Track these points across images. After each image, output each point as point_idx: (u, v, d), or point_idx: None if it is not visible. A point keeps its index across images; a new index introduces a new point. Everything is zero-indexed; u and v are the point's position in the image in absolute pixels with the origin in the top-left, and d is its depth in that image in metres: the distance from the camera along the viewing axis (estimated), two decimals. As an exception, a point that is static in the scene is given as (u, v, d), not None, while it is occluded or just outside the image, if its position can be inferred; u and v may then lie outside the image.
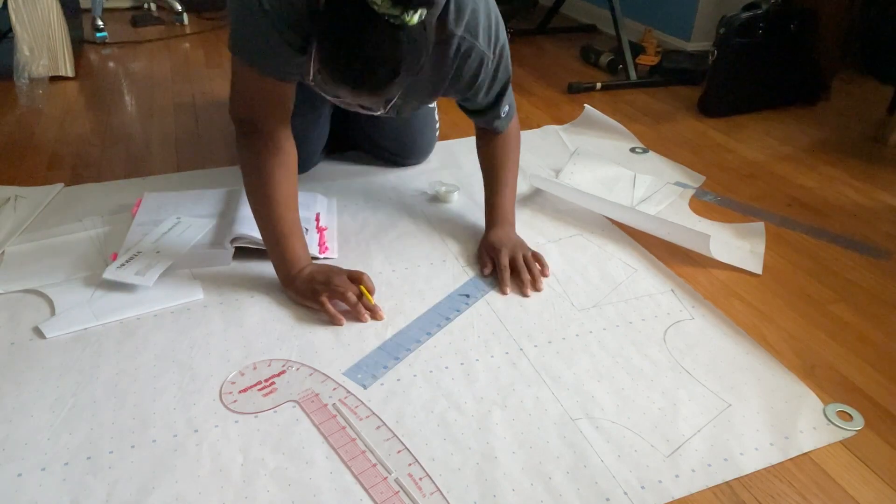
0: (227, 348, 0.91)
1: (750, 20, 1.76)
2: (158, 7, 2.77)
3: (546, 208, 1.30)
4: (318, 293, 0.96)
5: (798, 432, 0.80)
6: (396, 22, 0.71)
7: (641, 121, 1.79)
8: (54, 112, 1.73)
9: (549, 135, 1.65)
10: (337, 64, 0.75)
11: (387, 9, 0.70)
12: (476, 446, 0.77)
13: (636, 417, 0.82)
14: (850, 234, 1.26)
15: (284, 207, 0.97)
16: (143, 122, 1.68)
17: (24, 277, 1.03)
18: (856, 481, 0.75)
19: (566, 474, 0.74)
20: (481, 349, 0.92)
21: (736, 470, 0.75)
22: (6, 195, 1.26)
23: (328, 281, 0.97)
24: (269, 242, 0.99)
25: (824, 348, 0.95)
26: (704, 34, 2.31)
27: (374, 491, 0.71)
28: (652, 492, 0.72)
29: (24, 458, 0.74)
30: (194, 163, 1.46)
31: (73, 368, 0.86)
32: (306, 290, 0.97)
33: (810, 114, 1.86)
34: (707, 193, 1.40)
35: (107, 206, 1.25)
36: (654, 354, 0.92)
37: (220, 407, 0.81)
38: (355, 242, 1.17)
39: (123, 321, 0.95)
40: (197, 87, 1.95)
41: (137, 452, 0.75)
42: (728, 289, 1.08)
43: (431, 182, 1.37)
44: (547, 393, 0.85)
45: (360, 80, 0.76)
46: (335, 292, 0.96)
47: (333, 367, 0.88)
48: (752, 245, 1.20)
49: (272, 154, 0.96)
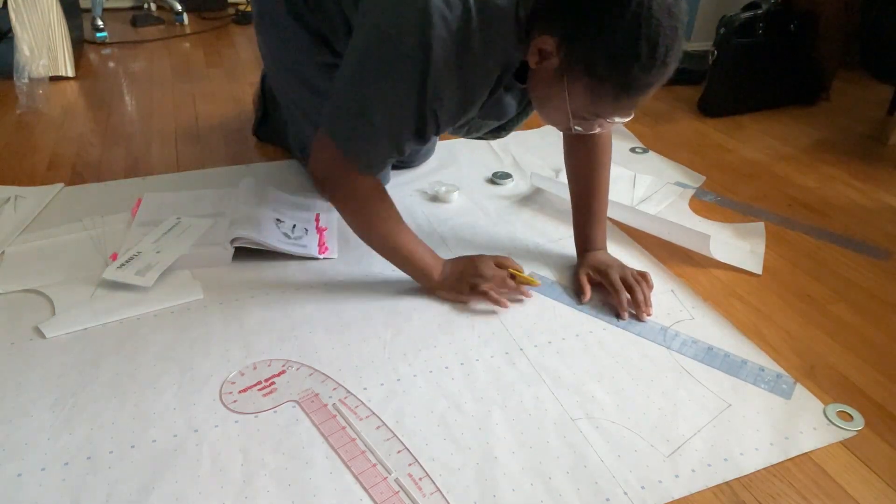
0: (227, 348, 0.91)
1: (750, 20, 1.76)
2: (158, 7, 2.77)
3: (546, 208, 1.30)
4: (478, 285, 0.98)
5: (798, 432, 0.80)
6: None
7: (641, 121, 1.79)
8: (54, 112, 1.73)
9: (549, 135, 1.65)
10: (652, 52, 0.73)
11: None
12: (476, 446, 0.77)
13: (636, 417, 0.82)
14: (850, 234, 1.26)
15: (397, 234, 0.97)
16: (143, 122, 1.68)
17: (24, 277, 1.03)
18: (856, 481, 0.75)
19: (566, 474, 0.74)
20: (481, 349, 0.92)
21: (736, 470, 0.75)
22: (6, 195, 1.26)
23: (481, 273, 0.99)
24: (399, 265, 1.00)
25: (824, 348, 0.95)
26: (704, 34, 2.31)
27: (374, 491, 0.71)
28: (652, 492, 0.72)
29: (24, 458, 0.74)
30: (194, 163, 1.46)
31: (73, 368, 0.86)
32: (462, 286, 0.99)
33: (810, 114, 1.86)
34: (707, 193, 1.40)
35: (107, 206, 1.24)
36: (654, 354, 0.92)
37: (220, 407, 0.81)
38: (355, 242, 1.16)
39: (123, 321, 0.95)
40: (197, 87, 1.95)
41: (137, 452, 0.75)
42: (728, 289, 1.08)
43: (431, 182, 1.37)
44: (547, 393, 0.85)
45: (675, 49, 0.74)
46: (495, 280, 0.99)
47: (333, 367, 0.88)
48: (752, 245, 1.20)
49: (368, 204, 0.94)
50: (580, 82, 0.78)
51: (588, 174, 1.07)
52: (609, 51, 0.74)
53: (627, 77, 0.75)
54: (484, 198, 1.34)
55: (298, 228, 1.16)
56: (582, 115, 0.83)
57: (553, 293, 1.05)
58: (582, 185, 1.09)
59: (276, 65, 1.23)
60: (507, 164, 1.48)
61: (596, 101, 0.80)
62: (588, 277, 1.04)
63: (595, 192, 1.07)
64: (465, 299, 1.00)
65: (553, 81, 0.81)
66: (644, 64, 0.73)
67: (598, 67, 0.76)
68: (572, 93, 0.80)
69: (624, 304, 0.99)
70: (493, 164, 1.49)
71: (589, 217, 1.08)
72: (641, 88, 0.77)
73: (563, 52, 0.78)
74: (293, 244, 1.11)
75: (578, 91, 0.79)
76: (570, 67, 0.78)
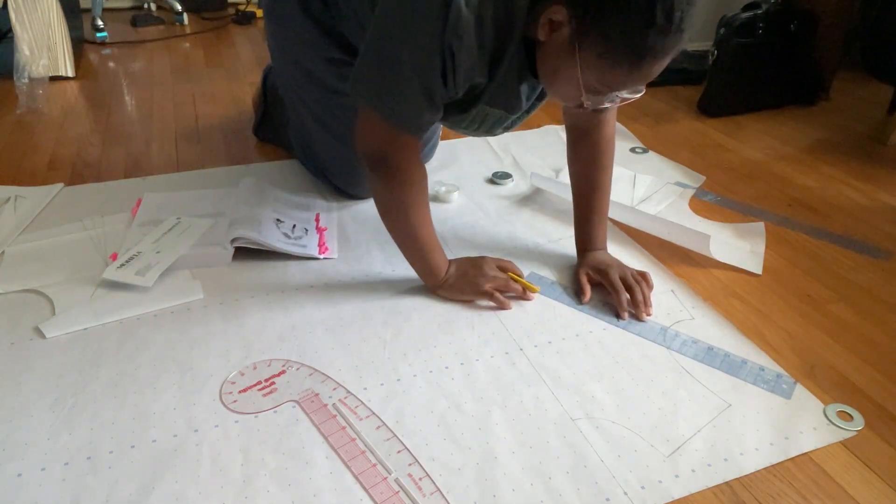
0: (227, 348, 0.91)
1: (750, 20, 1.76)
2: (158, 7, 2.77)
3: (546, 208, 1.30)
4: (481, 285, 1.00)
5: (798, 432, 0.80)
6: None
7: (641, 121, 1.79)
8: (54, 112, 1.73)
9: (548, 135, 1.65)
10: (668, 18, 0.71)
11: None
12: (476, 446, 0.77)
13: (636, 417, 0.82)
14: (850, 234, 1.26)
15: (423, 230, 0.97)
16: (143, 122, 1.68)
17: (24, 277, 1.03)
18: (856, 481, 0.75)
19: (566, 474, 0.74)
20: (481, 349, 0.92)
21: (736, 470, 0.75)
22: (6, 195, 1.26)
23: (485, 273, 1.01)
24: (413, 259, 1.01)
25: (824, 348, 0.95)
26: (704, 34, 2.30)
27: (374, 491, 0.71)
28: (652, 492, 0.72)
29: (24, 458, 0.74)
30: (194, 163, 1.46)
31: (73, 368, 0.86)
32: (465, 285, 1.01)
33: (810, 114, 1.86)
34: (707, 193, 1.40)
35: (107, 206, 1.24)
36: (654, 354, 0.92)
37: (220, 407, 0.81)
38: (355, 242, 1.17)
39: (123, 321, 0.95)
40: (197, 87, 1.95)
41: (137, 452, 0.75)
42: (728, 289, 1.08)
43: (431, 182, 1.36)
44: (547, 393, 0.85)
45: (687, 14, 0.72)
46: (497, 281, 1.01)
47: (333, 367, 0.88)
48: (752, 245, 1.20)
49: (408, 187, 0.94)
50: (593, 51, 0.76)
51: (591, 174, 1.07)
52: (624, 17, 0.73)
53: (643, 44, 0.73)
54: (484, 198, 1.34)
55: (298, 228, 1.16)
56: (594, 88, 0.81)
57: (553, 293, 1.05)
58: (584, 184, 1.08)
59: (283, 59, 1.22)
60: (507, 164, 1.48)
61: (610, 71, 0.78)
62: (588, 277, 1.04)
63: (597, 192, 1.07)
64: (465, 298, 1.01)
65: (564, 53, 0.79)
66: (660, 29, 0.72)
67: (612, 34, 0.74)
68: (585, 63, 0.78)
69: (623, 304, 0.99)
70: (493, 164, 1.49)
71: (590, 216, 1.08)
72: (657, 56, 0.75)
73: (574, 21, 0.76)
74: (293, 244, 1.11)
75: (591, 61, 0.77)
76: (582, 36, 0.76)
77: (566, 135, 1.09)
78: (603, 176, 1.07)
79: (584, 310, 1.01)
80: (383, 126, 0.88)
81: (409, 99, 0.85)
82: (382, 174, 0.92)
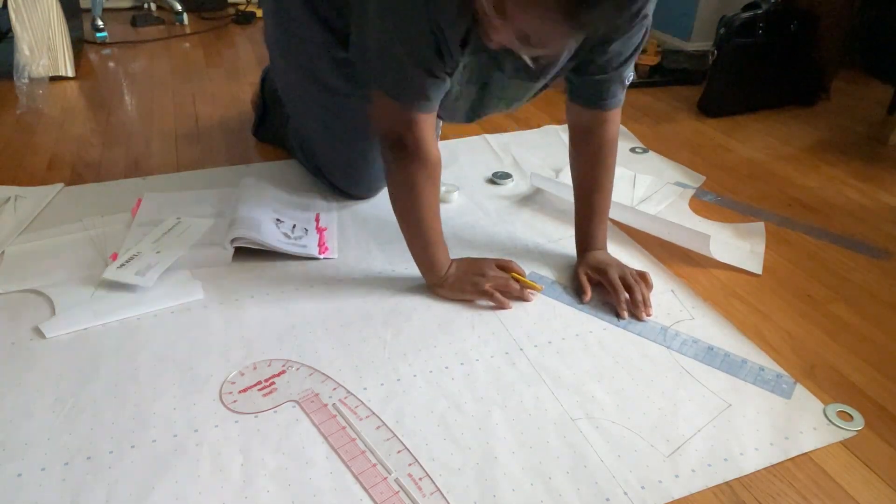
0: (227, 348, 0.91)
1: (750, 20, 1.76)
2: (158, 7, 2.77)
3: (546, 208, 1.30)
4: (480, 284, 1.00)
5: (798, 432, 0.80)
6: None
7: (641, 121, 1.79)
8: (54, 112, 1.73)
9: (548, 135, 1.65)
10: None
11: None
12: (476, 446, 0.77)
13: (636, 417, 0.82)
14: (850, 234, 1.26)
15: (431, 217, 0.98)
16: (143, 122, 1.68)
17: (24, 277, 1.03)
18: (856, 481, 0.75)
19: (566, 474, 0.74)
20: (481, 349, 0.92)
21: (736, 470, 0.75)
22: (6, 195, 1.26)
23: (485, 273, 1.02)
24: (416, 248, 1.01)
25: (824, 348, 0.95)
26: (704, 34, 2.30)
27: (374, 491, 0.71)
28: (652, 492, 0.72)
29: (24, 458, 0.74)
30: (194, 163, 1.46)
31: (73, 368, 0.86)
32: (464, 284, 1.01)
33: (810, 114, 1.86)
34: (707, 193, 1.40)
35: (107, 206, 1.24)
36: (654, 354, 0.92)
37: (220, 407, 0.81)
38: (355, 242, 1.17)
39: (123, 321, 0.95)
40: (197, 87, 1.95)
41: (137, 452, 0.75)
42: (728, 289, 1.08)
43: (431, 182, 1.37)
44: (547, 393, 0.85)
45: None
46: (497, 281, 1.01)
47: (333, 367, 0.88)
48: (752, 245, 1.20)
49: (421, 167, 0.94)
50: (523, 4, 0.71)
51: (593, 174, 1.07)
52: None
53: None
54: (484, 198, 1.34)
55: (298, 228, 1.16)
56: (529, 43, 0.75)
57: (553, 293, 1.05)
58: (586, 184, 1.08)
59: (284, 59, 1.22)
60: (507, 164, 1.48)
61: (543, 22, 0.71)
62: (587, 277, 1.04)
63: (599, 192, 1.07)
64: (465, 297, 1.01)
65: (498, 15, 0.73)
66: None
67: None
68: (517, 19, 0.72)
69: (622, 303, 0.99)
70: (493, 164, 1.49)
71: (591, 216, 1.08)
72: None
73: None
74: (293, 244, 1.11)
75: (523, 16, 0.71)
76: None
77: (569, 134, 1.09)
78: (605, 176, 1.07)
79: (584, 310, 1.01)
80: (394, 106, 0.91)
81: (412, 77, 0.88)
82: (398, 151, 0.94)
